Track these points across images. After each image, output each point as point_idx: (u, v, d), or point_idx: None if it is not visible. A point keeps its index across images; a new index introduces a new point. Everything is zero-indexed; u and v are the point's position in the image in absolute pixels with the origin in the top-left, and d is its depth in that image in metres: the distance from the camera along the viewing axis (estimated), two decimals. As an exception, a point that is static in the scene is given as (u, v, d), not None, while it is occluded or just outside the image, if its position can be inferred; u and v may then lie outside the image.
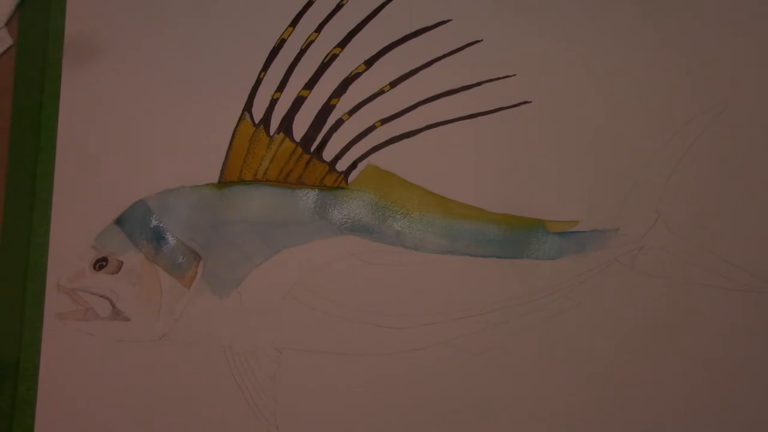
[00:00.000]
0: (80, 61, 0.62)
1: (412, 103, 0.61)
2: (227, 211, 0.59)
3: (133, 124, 0.61)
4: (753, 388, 0.55)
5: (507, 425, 0.55)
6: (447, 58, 0.61)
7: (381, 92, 0.61)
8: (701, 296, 0.56)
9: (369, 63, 0.61)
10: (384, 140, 0.60)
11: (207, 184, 0.60)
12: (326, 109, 0.61)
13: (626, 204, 0.58)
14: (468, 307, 0.57)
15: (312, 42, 0.62)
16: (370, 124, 0.60)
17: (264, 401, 0.55)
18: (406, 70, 0.61)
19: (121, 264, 0.58)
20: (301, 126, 0.60)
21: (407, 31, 0.62)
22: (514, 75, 0.61)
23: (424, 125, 0.60)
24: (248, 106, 0.61)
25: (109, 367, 0.57)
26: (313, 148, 0.60)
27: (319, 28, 0.62)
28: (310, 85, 0.61)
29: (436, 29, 0.62)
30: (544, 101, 0.60)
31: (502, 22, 0.62)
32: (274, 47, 0.62)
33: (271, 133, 0.60)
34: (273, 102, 0.61)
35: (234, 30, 0.63)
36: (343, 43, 0.62)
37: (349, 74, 0.61)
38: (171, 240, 0.58)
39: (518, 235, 0.58)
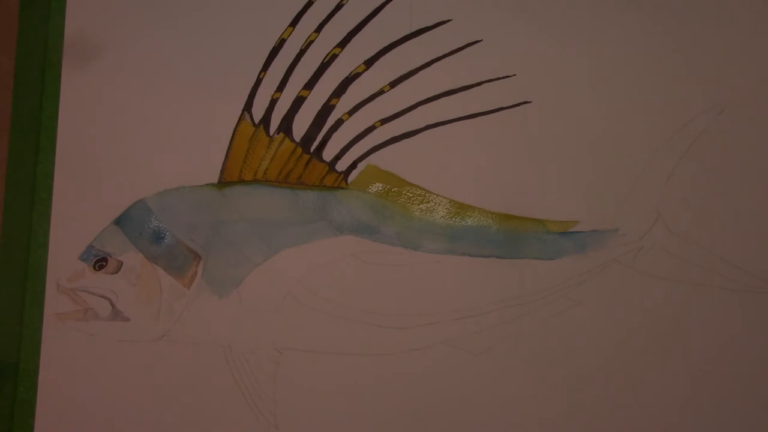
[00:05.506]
0: (80, 61, 0.62)
1: (412, 103, 0.61)
2: (227, 211, 0.59)
3: (133, 124, 0.61)
4: (753, 388, 0.55)
5: (507, 425, 0.55)
6: (447, 58, 0.61)
7: (381, 92, 0.61)
8: (701, 296, 0.56)
9: (369, 63, 0.61)
10: (384, 140, 0.60)
11: (207, 184, 0.60)
12: (326, 109, 0.61)
13: (626, 204, 0.58)
14: (468, 307, 0.57)
15: (312, 42, 0.62)
16: (369, 124, 0.60)
17: (264, 401, 0.55)
18: (406, 70, 0.61)
19: (121, 264, 0.58)
20: (301, 126, 0.60)
21: (407, 31, 0.62)
22: (514, 75, 0.61)
23: (424, 125, 0.60)
24: (248, 106, 0.61)
25: (109, 367, 0.57)
26: (312, 148, 0.60)
27: (319, 28, 0.62)
28: (310, 85, 0.61)
29: (436, 29, 0.62)
30: (544, 101, 0.60)
31: (502, 22, 0.62)
32: (274, 47, 0.62)
33: (271, 133, 0.60)
34: (273, 102, 0.61)
35: (234, 30, 0.63)
36: (343, 43, 0.62)
37: (349, 74, 0.61)
38: (171, 240, 0.58)
39: (518, 235, 0.58)
